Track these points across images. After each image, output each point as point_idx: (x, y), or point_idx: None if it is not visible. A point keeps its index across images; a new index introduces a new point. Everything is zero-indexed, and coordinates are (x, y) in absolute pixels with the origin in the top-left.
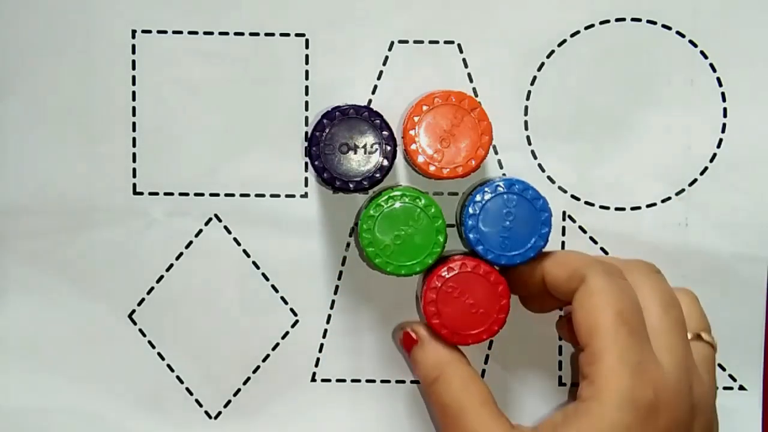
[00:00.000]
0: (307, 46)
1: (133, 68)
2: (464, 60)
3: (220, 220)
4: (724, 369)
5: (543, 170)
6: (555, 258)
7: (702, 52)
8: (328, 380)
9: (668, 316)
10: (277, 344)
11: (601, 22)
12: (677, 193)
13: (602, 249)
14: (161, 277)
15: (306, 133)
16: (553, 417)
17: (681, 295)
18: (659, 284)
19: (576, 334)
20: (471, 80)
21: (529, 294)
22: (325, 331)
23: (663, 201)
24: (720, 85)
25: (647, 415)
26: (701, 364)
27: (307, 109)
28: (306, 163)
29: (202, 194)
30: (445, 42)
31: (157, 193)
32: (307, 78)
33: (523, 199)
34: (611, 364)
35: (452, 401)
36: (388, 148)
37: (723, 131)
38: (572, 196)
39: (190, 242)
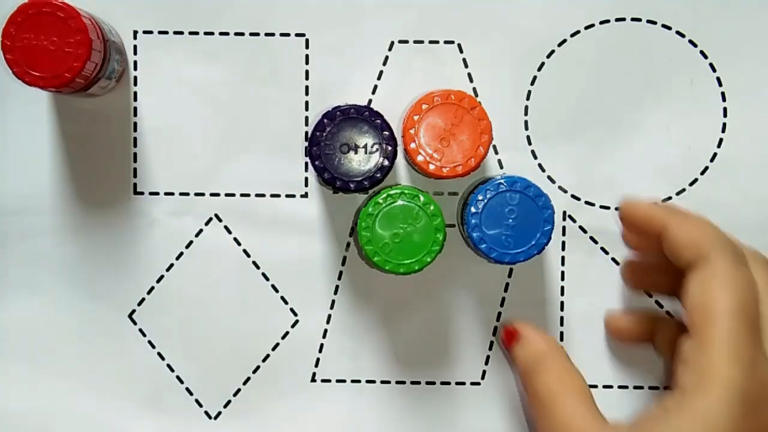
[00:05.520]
0: (307, 46)
1: (135, 69)
2: (464, 60)
3: (220, 220)
4: None
5: (543, 170)
6: (683, 218)
7: (702, 52)
8: (328, 380)
9: None
10: (277, 344)
11: (601, 22)
12: (677, 193)
13: (602, 249)
14: (161, 277)
15: (306, 133)
16: (650, 411)
17: None
18: None
19: (686, 313)
20: (471, 80)
21: (642, 240)
22: (325, 331)
23: (663, 200)
24: (720, 85)
25: (755, 412)
26: None
27: (307, 109)
28: (306, 163)
29: (202, 194)
30: (445, 42)
31: (157, 193)
32: (307, 78)
33: (525, 197)
34: (725, 356)
35: (547, 392)
36: (389, 148)
37: (723, 131)
38: (572, 196)
39: (190, 242)
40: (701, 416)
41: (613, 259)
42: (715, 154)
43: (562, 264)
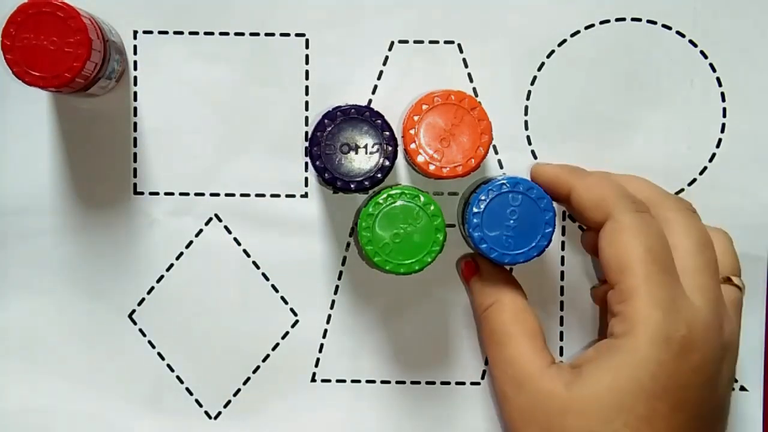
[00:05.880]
0: (307, 46)
1: (135, 69)
2: (464, 60)
3: (220, 220)
4: None
5: None
6: (584, 180)
7: (702, 52)
8: (328, 380)
9: (702, 256)
10: (277, 344)
11: (601, 22)
12: (677, 193)
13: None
14: (161, 277)
15: (306, 133)
16: (586, 353)
17: (715, 235)
18: (694, 223)
19: (604, 270)
20: (471, 80)
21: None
22: (325, 331)
23: None
24: (720, 85)
25: (680, 351)
26: (730, 307)
27: (307, 109)
28: (306, 163)
29: (202, 194)
30: (445, 42)
31: (157, 193)
32: (307, 78)
33: (528, 198)
34: (644, 301)
35: (501, 328)
36: (389, 148)
37: (723, 131)
38: None
39: (190, 242)
40: (628, 358)
41: None
42: (714, 154)
43: (562, 264)
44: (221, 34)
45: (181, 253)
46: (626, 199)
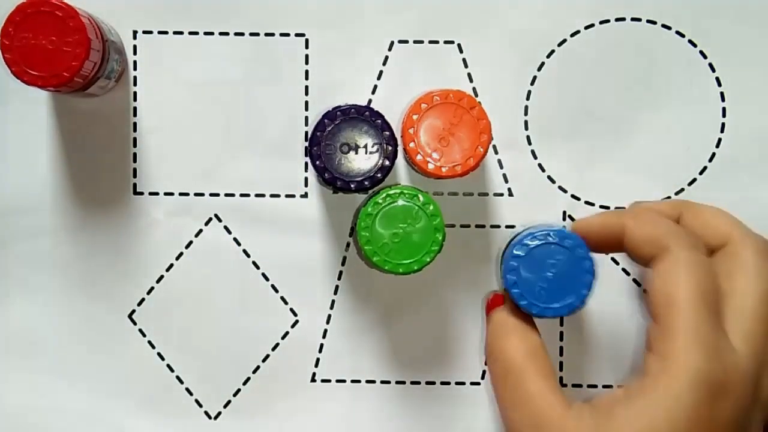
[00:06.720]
0: (307, 46)
1: (135, 69)
2: (464, 60)
3: (220, 220)
4: None
5: (543, 170)
6: (640, 217)
7: (701, 52)
8: (328, 380)
9: (765, 307)
10: (277, 344)
11: (601, 22)
12: (676, 193)
13: None
14: (161, 277)
15: (306, 133)
16: (614, 393)
17: None
18: None
19: (650, 303)
20: (471, 80)
21: (603, 248)
22: (325, 331)
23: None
24: (719, 85)
25: (716, 397)
26: None
27: (307, 109)
28: (306, 163)
29: (202, 194)
30: (445, 42)
31: (157, 193)
32: (307, 78)
33: (572, 256)
34: (689, 340)
35: (514, 365)
36: (389, 148)
37: (722, 131)
38: (572, 196)
39: (190, 242)
40: (663, 399)
41: (613, 259)
42: (713, 154)
43: None
44: (221, 34)
45: (181, 253)
46: (684, 234)
